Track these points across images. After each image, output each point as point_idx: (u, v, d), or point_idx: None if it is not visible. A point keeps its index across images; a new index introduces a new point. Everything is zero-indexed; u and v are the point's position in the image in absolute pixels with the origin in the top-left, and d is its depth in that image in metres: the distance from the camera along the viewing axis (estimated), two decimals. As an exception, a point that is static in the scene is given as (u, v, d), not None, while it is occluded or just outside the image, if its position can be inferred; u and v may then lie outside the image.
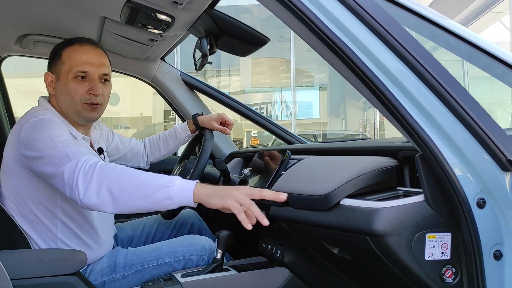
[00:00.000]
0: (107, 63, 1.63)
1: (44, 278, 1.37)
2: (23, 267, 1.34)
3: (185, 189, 1.18)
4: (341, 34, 1.02)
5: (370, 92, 1.03)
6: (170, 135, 2.07)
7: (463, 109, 0.99)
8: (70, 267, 1.41)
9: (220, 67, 17.15)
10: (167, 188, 1.17)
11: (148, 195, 1.18)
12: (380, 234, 1.06)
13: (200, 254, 1.63)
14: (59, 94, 1.57)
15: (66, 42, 1.60)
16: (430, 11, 1.13)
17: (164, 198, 1.18)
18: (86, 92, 1.55)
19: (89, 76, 1.56)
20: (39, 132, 1.39)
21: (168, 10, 1.52)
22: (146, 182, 1.19)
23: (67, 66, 1.55)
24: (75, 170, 1.25)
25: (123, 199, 1.20)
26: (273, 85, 17.66)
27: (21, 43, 2.01)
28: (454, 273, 1.08)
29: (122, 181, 1.21)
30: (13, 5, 1.70)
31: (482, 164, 1.01)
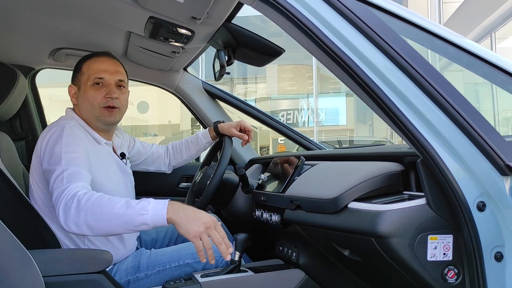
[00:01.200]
0: (122, 71, 1.76)
1: (72, 275, 1.47)
2: (53, 265, 1.44)
3: (158, 214, 1.27)
4: (348, 50, 1.09)
5: (373, 102, 1.09)
6: (192, 141, 2.15)
7: (461, 116, 1.04)
8: (97, 266, 1.50)
9: (246, 75, 17.27)
10: (142, 216, 1.27)
11: (125, 223, 1.29)
12: (384, 236, 1.11)
13: (219, 255, 1.70)
14: (81, 102, 1.70)
15: (85, 57, 1.75)
16: (432, 23, 1.18)
17: (140, 224, 1.28)
18: (104, 97, 1.67)
19: (106, 82, 1.69)
20: (52, 145, 1.52)
21: (187, 25, 1.62)
22: (122, 213, 1.29)
23: (86, 76, 1.69)
24: (60, 198, 1.38)
25: (101, 229, 1.32)
26: (299, 92, 17.65)
27: (54, 56, 2.14)
28: (456, 274, 1.12)
29: (99, 213, 1.31)
30: (47, 22, 1.83)
31: (481, 169, 1.06)
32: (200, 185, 1.93)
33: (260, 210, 1.82)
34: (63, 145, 1.52)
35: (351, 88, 1.12)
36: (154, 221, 1.28)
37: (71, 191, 1.38)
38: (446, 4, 10.94)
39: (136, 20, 1.69)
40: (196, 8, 1.47)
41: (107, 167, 1.69)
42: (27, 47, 2.09)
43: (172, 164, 2.19)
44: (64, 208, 1.35)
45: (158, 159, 2.14)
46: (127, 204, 1.30)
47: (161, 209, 1.28)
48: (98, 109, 1.68)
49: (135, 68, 2.28)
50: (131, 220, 1.28)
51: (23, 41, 2.02)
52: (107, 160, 1.71)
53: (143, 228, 1.29)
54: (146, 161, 2.11)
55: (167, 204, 1.29)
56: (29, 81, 2.34)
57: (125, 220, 1.28)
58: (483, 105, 9.11)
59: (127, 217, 1.28)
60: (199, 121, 2.51)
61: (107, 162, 1.70)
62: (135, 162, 2.07)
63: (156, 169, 2.16)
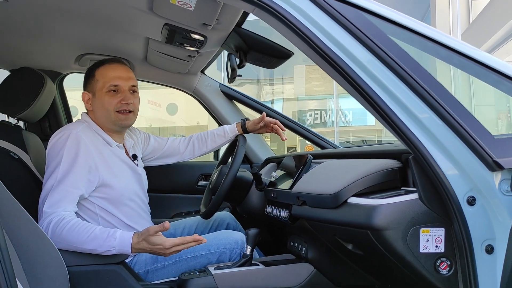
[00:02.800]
0: (134, 76, 1.85)
1: (94, 266, 1.58)
2: (76, 256, 1.55)
3: (123, 250, 1.50)
4: (341, 52, 1.16)
5: (367, 103, 1.15)
6: (218, 134, 2.20)
7: (450, 114, 1.09)
8: (116, 257, 1.61)
9: (273, 76, 17.31)
10: (109, 252, 1.51)
11: (95, 250, 1.52)
12: (378, 228, 1.17)
13: (232, 247, 1.78)
14: (96, 108, 1.80)
15: (97, 64, 1.84)
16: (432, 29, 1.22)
17: (107, 252, 1.51)
18: (119, 102, 1.77)
19: (120, 88, 1.78)
20: (55, 155, 1.65)
21: (199, 30, 1.72)
22: (93, 249, 1.51)
23: (101, 83, 1.78)
24: (45, 219, 1.55)
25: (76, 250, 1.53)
26: (326, 92, 17.55)
27: (79, 62, 2.28)
28: (448, 266, 1.17)
29: (73, 241, 1.51)
30: (72, 30, 1.96)
31: (470, 165, 1.10)
32: (216, 183, 2.01)
33: (271, 206, 1.89)
34: (64, 156, 1.63)
35: (346, 89, 1.19)
36: (121, 251, 1.52)
37: (52, 220, 1.54)
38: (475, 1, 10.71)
39: (153, 27, 1.79)
40: (206, 15, 1.56)
41: (117, 169, 1.77)
42: (54, 53, 2.24)
43: (196, 155, 2.23)
44: (46, 229, 1.53)
45: (175, 152, 2.20)
46: (96, 240, 1.50)
47: (126, 245, 1.50)
48: (113, 114, 1.77)
49: (155, 72, 2.40)
50: (101, 249, 1.51)
51: (51, 48, 2.17)
52: (117, 162, 1.79)
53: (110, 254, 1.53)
54: (162, 155, 2.17)
55: (130, 247, 1.50)
56: (57, 85, 2.48)
57: (96, 250, 1.52)
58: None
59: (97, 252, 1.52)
60: (217, 122, 2.60)
61: (117, 164, 1.79)
62: (152, 158, 2.15)
63: (175, 161, 2.22)
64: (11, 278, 0.98)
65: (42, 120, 2.35)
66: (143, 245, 1.48)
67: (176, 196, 2.56)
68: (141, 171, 1.93)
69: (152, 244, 1.46)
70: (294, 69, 16.85)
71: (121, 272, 1.60)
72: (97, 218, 1.72)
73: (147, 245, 1.47)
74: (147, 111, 11.99)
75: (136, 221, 1.81)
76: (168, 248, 1.46)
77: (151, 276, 1.74)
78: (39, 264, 1.37)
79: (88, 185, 1.66)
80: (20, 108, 1.92)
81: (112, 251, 1.49)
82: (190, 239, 1.48)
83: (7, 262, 0.98)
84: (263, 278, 1.67)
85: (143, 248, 1.49)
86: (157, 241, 1.46)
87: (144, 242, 1.47)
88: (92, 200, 1.71)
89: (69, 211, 1.59)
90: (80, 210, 1.69)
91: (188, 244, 1.48)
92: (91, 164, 1.67)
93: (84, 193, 1.65)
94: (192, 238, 1.47)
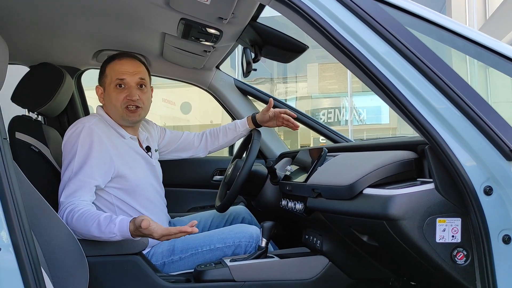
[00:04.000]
0: (143, 70, 1.85)
1: (113, 256, 1.62)
2: (96, 247, 1.59)
3: (125, 235, 1.52)
4: (357, 43, 1.17)
5: (382, 92, 1.16)
6: (229, 128, 2.22)
7: (467, 103, 1.09)
8: (134, 248, 1.65)
9: (287, 74, 17.30)
10: (113, 237, 1.53)
11: (101, 237, 1.54)
12: (394, 218, 1.18)
13: (248, 241, 1.80)
14: (106, 102, 1.84)
15: (108, 59, 1.86)
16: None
17: (112, 238, 1.54)
18: (125, 98, 1.79)
19: (127, 83, 1.80)
20: (70, 148, 1.70)
21: (215, 25, 1.73)
22: (96, 236, 1.54)
23: (109, 78, 1.81)
24: (62, 207, 1.61)
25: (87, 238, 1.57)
26: (340, 90, 17.47)
27: (97, 57, 2.31)
28: (465, 256, 1.17)
29: (82, 229, 1.55)
30: (90, 26, 1.99)
31: (487, 154, 1.10)
32: (231, 177, 2.03)
33: (286, 200, 1.91)
34: (78, 148, 1.67)
35: (362, 80, 1.20)
36: (123, 237, 1.53)
37: (67, 207, 1.59)
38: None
39: (169, 22, 1.81)
40: (221, 8, 1.57)
41: (131, 160, 1.81)
42: (72, 49, 2.27)
43: (209, 149, 2.26)
44: (64, 219, 1.57)
45: (189, 146, 2.23)
46: (100, 227, 1.53)
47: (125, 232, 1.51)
48: (121, 110, 1.80)
49: (171, 67, 2.42)
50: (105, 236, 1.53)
51: (69, 44, 2.20)
52: (131, 153, 1.83)
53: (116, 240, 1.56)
54: (177, 149, 2.21)
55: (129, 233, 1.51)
56: (75, 80, 2.53)
57: (101, 237, 1.54)
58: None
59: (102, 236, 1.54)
60: (232, 117, 2.62)
61: (131, 156, 1.82)
62: (167, 150, 2.18)
63: (191, 155, 2.25)
64: (37, 266, 1.01)
65: (61, 115, 2.40)
66: (140, 233, 1.50)
67: (191, 191, 2.59)
68: (155, 163, 1.96)
69: (147, 233, 1.48)
70: (308, 67, 16.81)
71: (139, 263, 1.64)
72: (114, 208, 1.76)
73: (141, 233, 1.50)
74: (162, 110, 12.08)
75: (152, 211, 1.84)
76: (159, 236, 1.48)
77: (167, 268, 1.77)
78: (60, 254, 1.40)
79: (104, 175, 1.70)
80: (40, 103, 1.97)
81: (115, 237, 1.51)
82: (175, 230, 1.48)
83: (33, 251, 1.01)
84: (278, 270, 1.68)
85: (140, 234, 1.51)
86: (148, 232, 1.47)
87: (139, 231, 1.49)
88: (109, 191, 1.75)
89: (85, 200, 1.62)
90: (98, 201, 1.73)
91: (177, 234, 1.48)
92: (106, 155, 1.70)
93: (100, 183, 1.69)
94: (178, 229, 1.47)
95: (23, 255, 0.97)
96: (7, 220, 0.95)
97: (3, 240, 0.96)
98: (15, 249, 0.96)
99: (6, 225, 0.95)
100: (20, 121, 1.94)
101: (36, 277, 0.98)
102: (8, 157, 0.99)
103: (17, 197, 0.97)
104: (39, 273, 1.00)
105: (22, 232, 0.97)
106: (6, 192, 0.94)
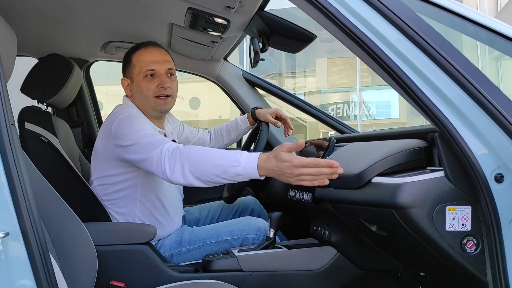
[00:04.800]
0: (170, 59, 1.84)
1: (121, 245, 1.63)
2: (104, 236, 1.60)
3: (249, 167, 1.34)
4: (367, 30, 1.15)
5: (391, 79, 1.14)
6: (232, 126, 2.23)
7: (478, 89, 1.07)
8: (142, 237, 1.65)
9: (295, 69, 17.23)
10: (235, 168, 1.35)
11: (223, 173, 1.37)
12: (403, 206, 1.16)
13: (255, 233, 1.80)
14: (135, 94, 1.80)
15: (133, 49, 1.83)
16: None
17: (235, 175, 1.36)
18: (156, 87, 1.76)
19: (157, 73, 1.77)
20: (128, 126, 1.63)
21: (223, 14, 1.72)
22: (218, 164, 1.37)
23: (137, 68, 1.78)
24: (161, 156, 1.47)
25: (203, 178, 1.41)
26: (349, 85, 17.38)
27: (105, 49, 2.32)
28: (475, 244, 1.16)
29: (199, 163, 1.41)
30: (98, 17, 2.00)
31: (499, 141, 1.08)
32: (239, 168, 2.02)
33: (294, 190, 1.90)
34: (138, 124, 1.64)
35: (371, 66, 1.18)
36: (247, 173, 1.35)
37: (169, 148, 1.47)
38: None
39: (177, 12, 1.81)
40: (228, -4, 1.57)
41: None
42: (80, 41, 2.28)
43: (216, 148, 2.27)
44: (170, 162, 1.44)
45: (204, 144, 2.24)
46: (223, 156, 1.38)
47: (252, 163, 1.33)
48: (152, 99, 1.77)
49: (179, 59, 2.42)
50: (227, 169, 1.36)
51: (77, 36, 2.21)
52: None
53: (239, 180, 1.38)
54: (193, 145, 2.21)
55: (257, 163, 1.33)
56: (84, 72, 2.54)
57: (222, 170, 1.37)
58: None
59: (223, 168, 1.36)
60: (239, 109, 2.62)
61: None
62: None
63: None
64: (45, 252, 1.01)
65: (70, 107, 2.41)
66: (271, 163, 1.31)
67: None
68: None
69: (280, 161, 1.29)
70: (317, 62, 16.74)
71: (147, 252, 1.64)
72: (136, 202, 1.76)
73: (274, 162, 1.30)
74: (171, 105, 12.08)
75: (171, 201, 1.86)
76: (296, 166, 1.26)
77: (175, 260, 1.78)
78: (69, 241, 1.41)
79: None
80: (49, 94, 1.98)
81: (237, 167, 1.34)
82: (324, 163, 1.26)
83: (41, 236, 1.01)
84: (286, 261, 1.68)
85: (270, 167, 1.31)
86: (286, 157, 1.28)
87: (272, 159, 1.31)
88: (137, 174, 1.73)
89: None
90: (121, 183, 1.74)
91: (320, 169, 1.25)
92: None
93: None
94: (327, 163, 1.26)
95: (31, 240, 0.97)
96: (15, 205, 0.95)
97: (11, 225, 0.96)
98: (23, 234, 0.96)
99: (14, 210, 0.95)
100: (30, 111, 1.95)
101: (45, 262, 0.98)
102: (16, 143, 0.99)
103: (25, 182, 0.97)
104: (48, 259, 1.01)
105: (30, 217, 0.97)
106: (14, 177, 0.95)
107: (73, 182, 1.82)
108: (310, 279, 1.66)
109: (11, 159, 0.95)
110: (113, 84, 11.17)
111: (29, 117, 1.90)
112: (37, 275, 0.97)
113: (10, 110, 1.02)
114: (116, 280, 1.58)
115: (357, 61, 15.60)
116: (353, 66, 17.24)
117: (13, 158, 0.95)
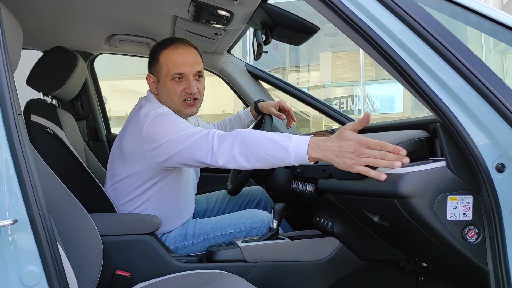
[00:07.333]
0: (199, 60, 1.77)
1: (126, 236, 1.65)
2: (109, 226, 1.62)
3: (299, 154, 1.31)
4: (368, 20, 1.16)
5: (393, 69, 1.15)
6: (235, 120, 2.25)
7: (479, 79, 1.08)
8: (147, 228, 1.67)
9: (299, 63, 17.19)
10: (283, 154, 1.32)
11: (273, 158, 1.34)
12: (405, 196, 1.17)
13: (259, 226, 1.82)
14: (161, 93, 1.76)
15: (161, 45, 1.76)
16: None
17: (285, 159, 1.33)
18: (183, 90, 1.71)
19: (185, 76, 1.72)
20: (164, 123, 1.59)
21: (226, 6, 1.73)
22: (267, 152, 1.34)
23: (165, 69, 1.72)
24: (208, 137, 1.44)
25: (256, 162, 1.37)
26: (353, 79, 17.32)
27: (110, 42, 2.33)
28: (476, 233, 1.16)
29: (248, 142, 1.37)
30: (102, 10, 2.01)
31: (500, 131, 1.09)
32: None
33: (297, 182, 1.91)
34: (173, 120, 1.61)
35: (373, 57, 1.19)
36: (297, 161, 1.32)
37: (216, 135, 1.44)
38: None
39: (180, 4, 1.81)
40: (232, -12, 1.57)
41: None
42: (85, 34, 2.30)
43: None
44: (219, 149, 1.41)
45: None
46: (272, 140, 1.34)
47: (302, 149, 1.30)
48: (179, 103, 1.73)
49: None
50: (276, 154, 1.33)
51: (82, 29, 2.23)
52: None
53: (289, 163, 1.34)
54: None
55: (307, 144, 1.30)
56: (88, 65, 2.55)
57: (272, 156, 1.34)
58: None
59: (272, 153, 1.34)
60: (243, 101, 2.63)
61: None
62: None
63: None
64: (52, 239, 1.03)
65: (75, 100, 2.43)
66: (332, 142, 1.26)
67: (203, 175, 2.61)
68: None
69: (344, 139, 1.23)
70: (320, 56, 16.69)
71: (152, 243, 1.66)
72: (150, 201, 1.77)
73: (336, 141, 1.25)
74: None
75: (184, 197, 1.87)
76: (362, 144, 1.21)
77: (180, 253, 1.80)
78: (75, 232, 1.43)
79: None
80: (54, 86, 2.00)
81: (288, 145, 1.30)
82: (391, 148, 1.19)
83: (48, 224, 1.03)
84: (289, 252, 1.69)
85: (330, 147, 1.25)
86: (351, 135, 1.23)
87: (334, 138, 1.26)
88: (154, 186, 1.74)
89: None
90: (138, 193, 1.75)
91: (386, 153, 1.19)
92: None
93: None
94: (394, 148, 1.19)
95: (39, 228, 0.99)
96: (23, 192, 0.97)
97: (19, 213, 0.98)
98: (31, 222, 0.98)
99: (22, 197, 0.97)
100: (35, 104, 1.97)
101: (52, 249, 1.00)
102: (23, 133, 1.00)
103: (32, 171, 0.99)
104: (55, 246, 1.03)
105: (38, 205, 0.99)
106: (22, 165, 0.96)
107: (79, 174, 1.84)
108: (313, 270, 1.67)
109: (18, 147, 0.96)
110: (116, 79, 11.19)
111: (35, 109, 1.92)
112: (45, 262, 0.99)
113: (17, 101, 1.04)
114: (122, 269, 1.60)
115: (360, 55, 15.56)
116: (357, 60, 17.16)
117: (20, 147, 0.96)
